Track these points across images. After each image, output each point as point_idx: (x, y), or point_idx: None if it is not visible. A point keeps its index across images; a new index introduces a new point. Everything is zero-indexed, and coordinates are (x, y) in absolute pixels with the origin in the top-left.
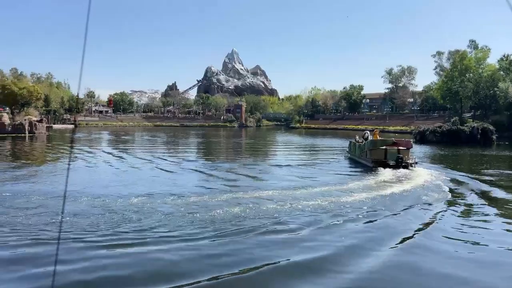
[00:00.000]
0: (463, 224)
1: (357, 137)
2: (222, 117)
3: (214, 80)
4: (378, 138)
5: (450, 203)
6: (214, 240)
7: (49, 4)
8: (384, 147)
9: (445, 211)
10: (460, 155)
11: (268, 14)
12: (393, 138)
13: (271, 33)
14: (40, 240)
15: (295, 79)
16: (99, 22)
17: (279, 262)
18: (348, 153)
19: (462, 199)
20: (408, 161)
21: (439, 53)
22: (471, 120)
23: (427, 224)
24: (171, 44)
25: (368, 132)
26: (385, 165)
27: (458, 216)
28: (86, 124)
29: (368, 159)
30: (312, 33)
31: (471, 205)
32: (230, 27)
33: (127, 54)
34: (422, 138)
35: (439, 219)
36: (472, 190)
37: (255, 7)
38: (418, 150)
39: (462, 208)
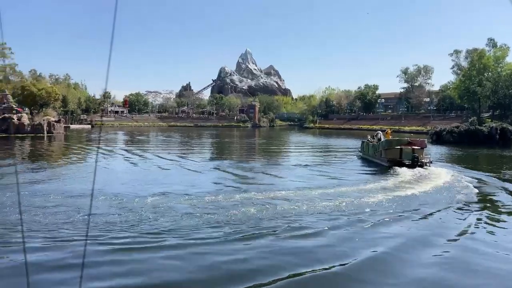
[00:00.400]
0: (500, 233)
1: (369, 137)
2: (235, 117)
3: (228, 81)
4: (390, 137)
5: (482, 206)
6: (232, 246)
7: (71, 7)
8: (399, 147)
9: (478, 215)
10: (478, 156)
11: (282, 13)
12: (408, 138)
13: (284, 33)
14: (57, 242)
15: (309, 79)
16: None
17: (303, 273)
18: (360, 153)
19: (492, 202)
20: (423, 160)
21: (457, 52)
22: (489, 120)
23: (461, 233)
24: (185, 45)
25: (381, 132)
26: (401, 164)
27: (494, 224)
28: (102, 124)
29: (383, 159)
30: (326, 33)
31: (504, 209)
32: (244, 27)
33: (143, 55)
34: (438, 139)
35: (475, 226)
36: (499, 191)
37: (269, 7)
38: (434, 151)
39: (495, 212)
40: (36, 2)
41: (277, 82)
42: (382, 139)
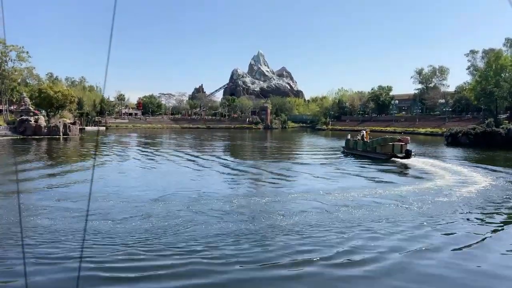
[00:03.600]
0: None
1: (349, 136)
2: (247, 119)
3: (240, 83)
4: (369, 136)
5: None
6: (272, 273)
7: (84, 9)
8: (392, 143)
9: None
10: (498, 158)
11: (295, 15)
12: (399, 137)
13: (297, 34)
14: (58, 260)
15: (321, 80)
16: (129, 27)
17: None
18: (345, 149)
19: None
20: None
21: (473, 52)
22: (506, 121)
23: None
24: (198, 48)
25: (364, 132)
26: (394, 157)
27: None
28: (117, 126)
29: (378, 153)
30: (339, 33)
31: None
32: (256, 29)
33: (156, 58)
34: (454, 141)
35: None
36: None
37: (281, 8)
38: (450, 153)
39: None
40: (53, 7)
41: (289, 84)
42: (363, 138)
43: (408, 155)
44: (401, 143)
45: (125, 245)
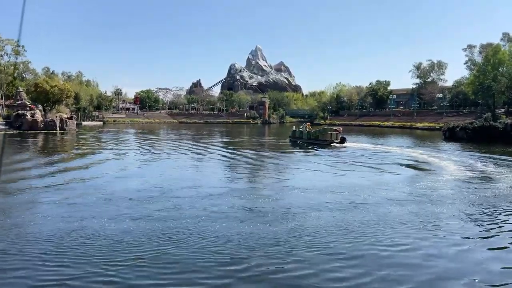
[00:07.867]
0: None
1: (294, 127)
2: (245, 114)
3: (238, 77)
4: (310, 127)
5: None
6: None
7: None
8: (330, 132)
9: None
10: (496, 152)
11: (293, 10)
12: (336, 128)
13: (295, 29)
14: None
15: (319, 75)
16: (126, 22)
17: None
18: (291, 138)
19: None
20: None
21: (471, 47)
22: (504, 116)
23: None
24: (196, 42)
25: (307, 124)
26: (332, 142)
27: None
28: (114, 121)
29: (321, 140)
30: (337, 29)
31: None
32: (254, 24)
33: (154, 53)
34: (452, 135)
35: None
36: None
37: (280, 3)
38: (448, 148)
39: None
40: (48, 3)
41: (287, 79)
42: (306, 129)
43: (342, 141)
44: (337, 132)
45: (105, 258)
